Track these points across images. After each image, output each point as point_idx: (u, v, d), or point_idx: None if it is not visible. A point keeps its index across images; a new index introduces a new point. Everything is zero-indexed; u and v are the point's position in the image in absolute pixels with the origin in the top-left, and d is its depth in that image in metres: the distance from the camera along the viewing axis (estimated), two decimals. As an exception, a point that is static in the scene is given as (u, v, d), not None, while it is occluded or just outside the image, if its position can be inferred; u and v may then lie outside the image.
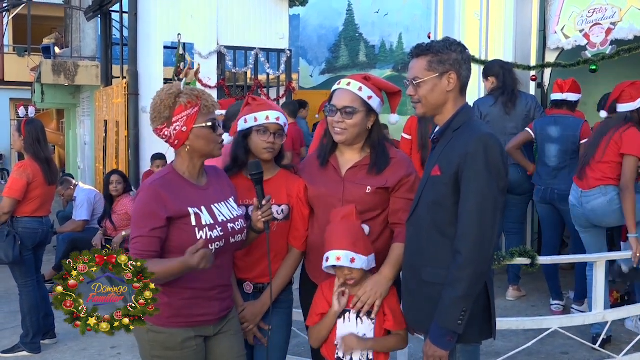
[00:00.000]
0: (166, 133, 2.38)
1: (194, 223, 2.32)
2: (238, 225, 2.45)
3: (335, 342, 2.51)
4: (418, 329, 2.54)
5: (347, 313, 2.51)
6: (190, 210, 2.33)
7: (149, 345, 2.37)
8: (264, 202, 2.49)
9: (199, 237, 2.30)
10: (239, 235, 2.47)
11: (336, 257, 2.45)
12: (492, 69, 5.57)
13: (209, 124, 2.37)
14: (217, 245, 2.35)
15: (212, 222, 2.36)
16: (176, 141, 2.38)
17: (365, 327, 2.50)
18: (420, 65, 2.39)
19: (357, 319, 2.50)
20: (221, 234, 2.37)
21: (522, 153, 5.36)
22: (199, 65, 8.19)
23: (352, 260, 2.44)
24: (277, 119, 2.69)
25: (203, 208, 2.37)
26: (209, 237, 2.32)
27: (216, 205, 2.43)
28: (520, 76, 6.38)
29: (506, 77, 5.44)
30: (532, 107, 5.50)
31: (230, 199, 2.53)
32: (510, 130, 5.46)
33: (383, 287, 2.51)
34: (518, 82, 5.56)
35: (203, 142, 2.38)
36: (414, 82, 2.40)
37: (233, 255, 2.59)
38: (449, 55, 2.36)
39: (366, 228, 2.57)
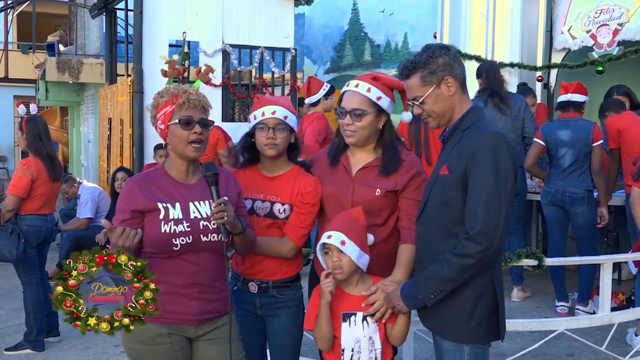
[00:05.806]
0: (157, 131, 2.46)
1: (161, 217, 2.34)
2: (214, 224, 2.36)
3: (342, 347, 2.47)
4: (425, 326, 2.54)
5: (353, 317, 2.48)
6: (160, 205, 2.35)
7: (125, 336, 2.36)
8: (214, 205, 2.32)
9: (162, 230, 2.31)
10: (214, 235, 2.37)
11: (327, 236, 2.43)
12: (478, 70, 5.73)
13: (176, 120, 2.35)
14: (183, 240, 2.33)
15: (180, 217, 2.35)
16: (163, 139, 2.45)
17: (371, 330, 2.48)
18: (415, 84, 2.38)
19: (362, 322, 2.48)
20: (188, 229, 2.34)
21: (537, 167, 5.47)
22: (207, 66, 8.12)
23: (343, 243, 2.40)
24: (273, 113, 2.62)
25: (177, 204, 2.37)
26: (172, 231, 2.32)
27: (197, 202, 2.41)
28: (526, 76, 6.36)
29: (490, 79, 5.53)
30: (522, 108, 5.56)
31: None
32: (502, 131, 5.50)
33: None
34: (503, 82, 5.61)
35: (176, 140, 2.38)
36: (416, 102, 2.39)
37: (217, 256, 2.42)
38: (436, 63, 2.35)
39: (370, 237, 2.54)
